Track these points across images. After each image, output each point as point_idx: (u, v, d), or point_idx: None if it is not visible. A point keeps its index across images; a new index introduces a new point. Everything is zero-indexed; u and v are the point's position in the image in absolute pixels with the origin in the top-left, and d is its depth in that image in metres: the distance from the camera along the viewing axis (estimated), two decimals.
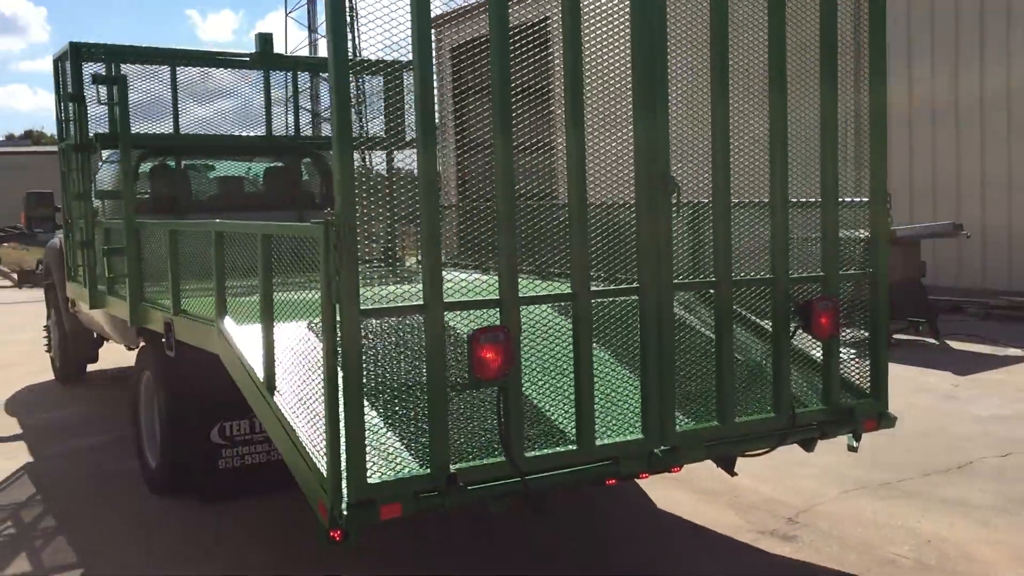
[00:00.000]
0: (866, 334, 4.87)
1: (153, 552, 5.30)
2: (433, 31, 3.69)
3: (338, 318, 3.48)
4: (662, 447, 4.21)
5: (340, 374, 3.50)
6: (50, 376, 10.77)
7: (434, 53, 3.69)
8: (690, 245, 4.81)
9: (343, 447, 3.53)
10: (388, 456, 3.68)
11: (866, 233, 4.88)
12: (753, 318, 4.98)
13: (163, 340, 5.57)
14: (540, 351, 4.22)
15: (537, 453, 3.93)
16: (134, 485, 6.40)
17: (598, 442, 4.05)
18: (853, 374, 4.91)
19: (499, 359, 3.70)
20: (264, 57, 8.21)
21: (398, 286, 3.81)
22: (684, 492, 6.06)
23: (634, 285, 4.17)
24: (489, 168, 3.89)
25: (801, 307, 4.51)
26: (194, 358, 5.28)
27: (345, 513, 3.51)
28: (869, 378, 4.88)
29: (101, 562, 5.19)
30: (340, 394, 3.51)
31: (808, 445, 4.76)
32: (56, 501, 6.27)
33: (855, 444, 4.92)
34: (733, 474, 4.88)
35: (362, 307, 3.51)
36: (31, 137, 62.69)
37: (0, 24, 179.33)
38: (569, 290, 3.99)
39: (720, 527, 5.48)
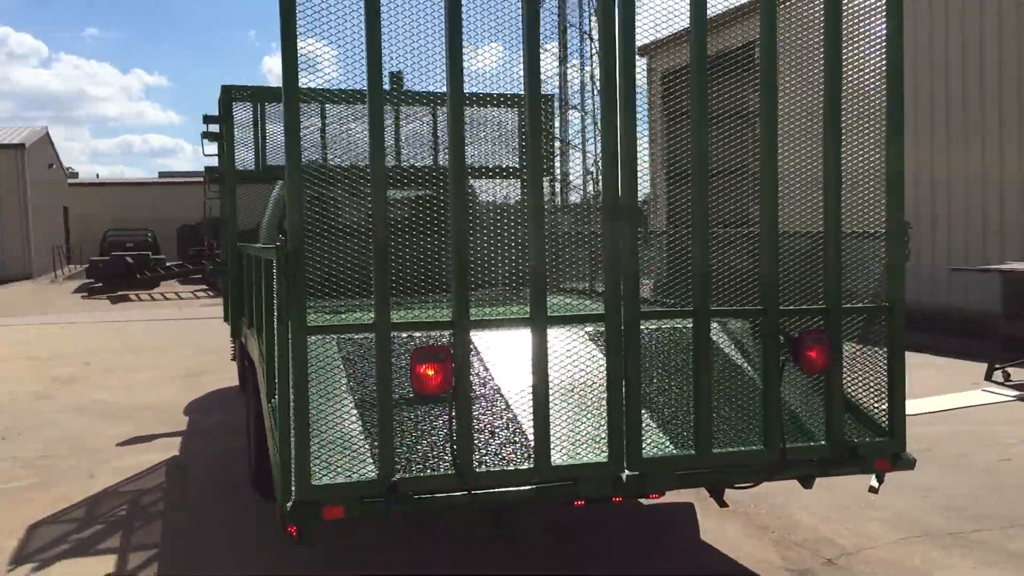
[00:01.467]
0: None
1: (218, 543, 5.89)
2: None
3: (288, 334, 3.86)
4: (629, 472, 4.27)
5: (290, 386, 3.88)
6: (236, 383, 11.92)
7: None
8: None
9: (293, 451, 3.89)
10: (335, 462, 4.00)
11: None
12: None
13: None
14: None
15: (488, 469, 4.12)
16: (244, 486, 7.07)
17: (556, 462, 4.18)
18: (872, 412, 4.72)
19: (439, 376, 3.95)
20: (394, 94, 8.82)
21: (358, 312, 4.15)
22: (736, 524, 5.96)
23: (599, 312, 4.28)
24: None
25: (790, 340, 4.42)
26: None
27: (289, 510, 3.87)
28: (886, 416, 4.68)
29: (175, 546, 5.84)
30: (291, 403, 3.88)
31: (806, 482, 4.63)
32: (173, 492, 7.05)
33: (876, 485, 4.73)
34: (723, 505, 4.81)
35: (309, 324, 3.87)
36: None
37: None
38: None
39: (752, 563, 5.38)
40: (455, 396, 4.02)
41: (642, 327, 4.35)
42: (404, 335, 4.44)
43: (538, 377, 4.14)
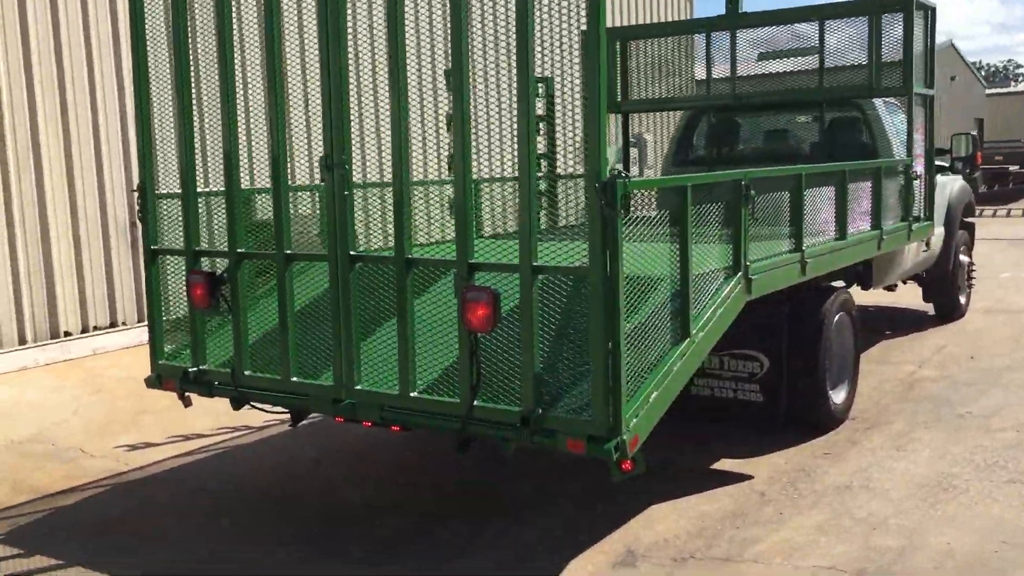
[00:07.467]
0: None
1: None
2: None
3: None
4: (349, 399, 4.74)
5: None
6: None
7: None
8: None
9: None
10: (170, 352, 5.49)
11: None
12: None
13: None
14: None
15: (251, 374, 5.09)
16: None
17: (294, 379, 4.93)
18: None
19: (202, 296, 5.10)
20: (728, 18, 8.70)
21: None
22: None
23: (324, 253, 4.80)
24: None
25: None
26: None
27: (148, 379, 5.53)
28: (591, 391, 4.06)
29: None
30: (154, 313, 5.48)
31: (505, 445, 4.31)
32: None
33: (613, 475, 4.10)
34: (461, 452, 4.58)
35: (152, 247, 5.39)
36: None
37: None
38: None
39: None
40: (232, 314, 5.10)
41: (362, 268, 4.72)
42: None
43: (281, 307, 4.92)
